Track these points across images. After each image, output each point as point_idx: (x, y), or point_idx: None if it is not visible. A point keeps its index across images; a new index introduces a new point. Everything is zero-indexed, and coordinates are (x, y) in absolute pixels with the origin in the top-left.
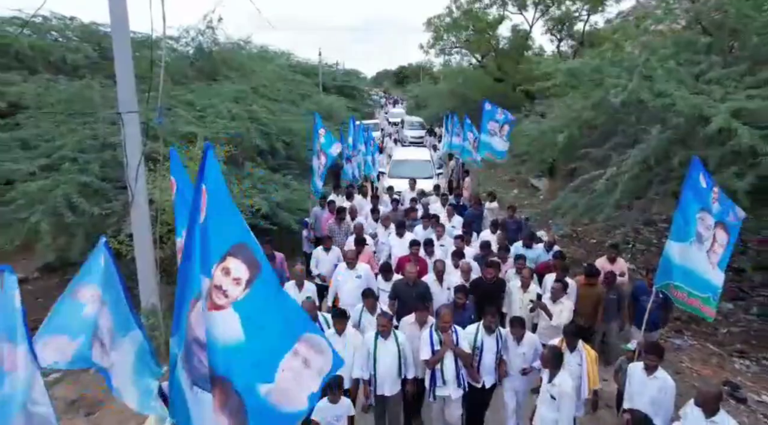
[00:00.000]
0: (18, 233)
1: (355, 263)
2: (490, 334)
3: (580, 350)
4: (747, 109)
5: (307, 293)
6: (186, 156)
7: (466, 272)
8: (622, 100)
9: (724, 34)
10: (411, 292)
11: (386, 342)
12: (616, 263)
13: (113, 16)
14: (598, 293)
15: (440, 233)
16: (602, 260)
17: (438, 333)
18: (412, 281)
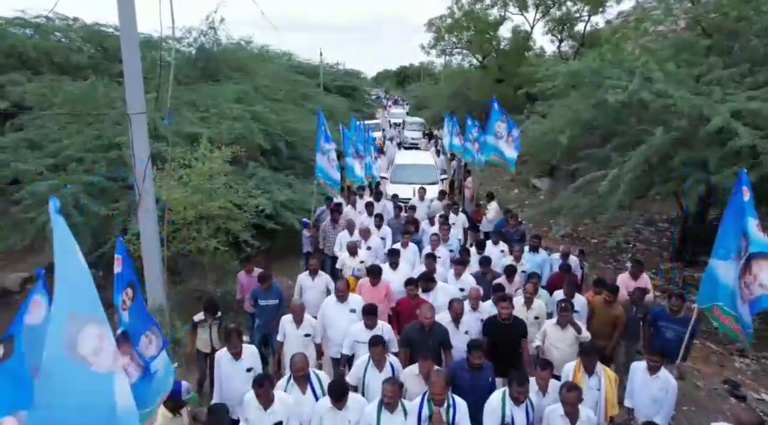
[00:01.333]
0: (27, 232)
1: (346, 294)
2: (520, 405)
3: (599, 372)
4: (747, 110)
5: (305, 330)
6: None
7: (474, 298)
8: (623, 100)
9: (723, 36)
10: (427, 340)
11: (392, 415)
12: (641, 279)
13: (122, 18)
14: (616, 313)
15: (444, 234)
16: (624, 277)
17: (430, 405)
18: (428, 327)
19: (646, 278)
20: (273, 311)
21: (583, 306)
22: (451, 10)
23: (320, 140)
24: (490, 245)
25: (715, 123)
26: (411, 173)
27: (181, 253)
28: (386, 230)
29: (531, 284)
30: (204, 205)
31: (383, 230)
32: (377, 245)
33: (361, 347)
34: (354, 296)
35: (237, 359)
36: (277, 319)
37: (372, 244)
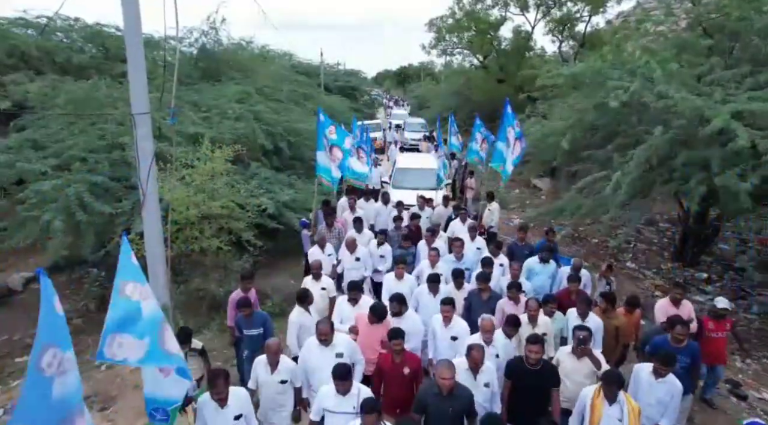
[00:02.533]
0: (31, 231)
1: (331, 337)
2: None
3: (621, 402)
4: (748, 110)
5: (281, 375)
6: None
7: (488, 330)
8: (624, 101)
9: (724, 36)
10: (447, 407)
11: None
12: (683, 306)
13: (126, 19)
14: (616, 324)
15: (458, 252)
16: (664, 303)
17: None
18: (447, 390)
19: (689, 304)
20: (258, 341)
21: (599, 328)
22: (452, 10)
23: (321, 138)
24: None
25: (715, 124)
26: (413, 178)
27: (184, 253)
28: (387, 249)
29: (534, 300)
30: (206, 204)
31: (384, 248)
32: (365, 255)
33: (333, 418)
34: (341, 337)
35: (222, 406)
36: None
37: (360, 254)
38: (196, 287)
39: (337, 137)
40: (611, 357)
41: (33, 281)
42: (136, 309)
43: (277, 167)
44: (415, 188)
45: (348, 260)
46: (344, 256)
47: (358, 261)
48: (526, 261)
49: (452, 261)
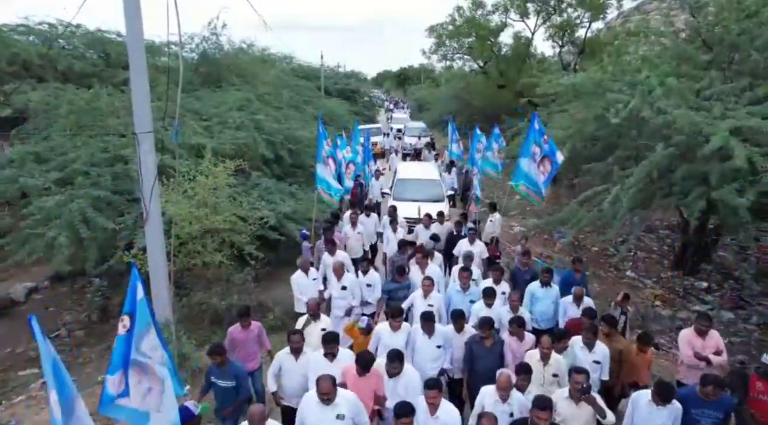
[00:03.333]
0: (35, 247)
1: (333, 395)
2: None
3: None
4: (746, 127)
5: None
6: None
7: (504, 387)
8: (624, 116)
9: (724, 49)
10: None
11: None
12: (710, 336)
13: (130, 39)
14: (619, 347)
15: (464, 282)
16: (689, 334)
17: None
18: None
19: (717, 337)
20: (230, 394)
21: (606, 357)
22: (452, 17)
23: (321, 149)
24: (490, 283)
25: (714, 144)
26: (415, 189)
27: (186, 267)
28: (374, 277)
29: (546, 338)
30: (209, 219)
31: (371, 276)
32: (353, 284)
33: None
34: (344, 394)
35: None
36: (235, 406)
37: (347, 282)
38: (198, 301)
39: (332, 148)
40: (615, 383)
41: (35, 292)
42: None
43: (278, 175)
44: (417, 200)
45: (335, 288)
46: (331, 282)
47: (345, 290)
48: (528, 287)
49: (457, 292)
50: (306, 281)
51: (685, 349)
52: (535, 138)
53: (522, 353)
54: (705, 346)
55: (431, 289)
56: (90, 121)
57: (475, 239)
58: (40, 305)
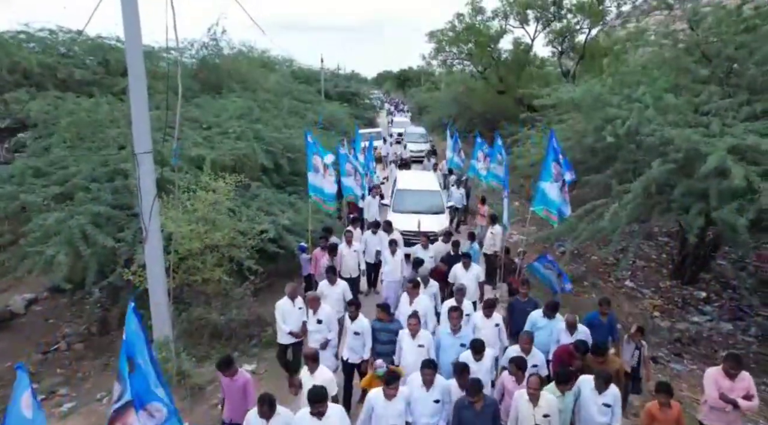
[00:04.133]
0: (35, 265)
1: None
2: None
3: None
4: (744, 145)
5: None
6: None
7: None
8: (622, 133)
9: (722, 63)
10: None
11: None
12: (740, 378)
13: (130, 61)
14: (616, 367)
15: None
16: (716, 373)
17: None
18: None
19: (749, 379)
20: None
21: (617, 400)
22: (452, 23)
23: (311, 159)
24: (481, 317)
25: (710, 163)
26: (414, 201)
27: (186, 283)
28: (363, 324)
29: (536, 378)
30: (208, 236)
31: (359, 324)
32: (328, 317)
33: None
34: None
35: None
36: None
37: (323, 315)
38: (198, 316)
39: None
40: None
41: (35, 303)
42: None
43: (277, 184)
44: (417, 212)
45: (310, 321)
46: (309, 315)
47: (320, 324)
48: (530, 314)
49: (447, 334)
50: (291, 309)
51: (711, 390)
52: (555, 157)
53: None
54: (733, 388)
55: (418, 328)
56: (90, 132)
57: (470, 265)
58: (39, 318)
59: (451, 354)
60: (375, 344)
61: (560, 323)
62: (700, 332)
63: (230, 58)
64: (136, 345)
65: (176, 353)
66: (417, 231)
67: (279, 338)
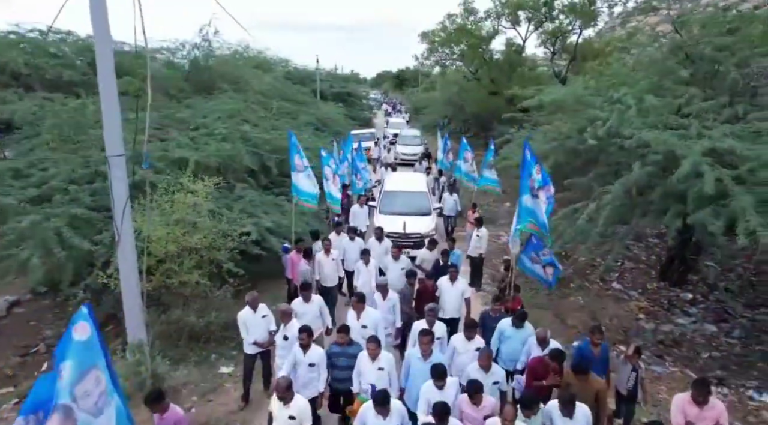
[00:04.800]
0: (9, 268)
1: None
2: None
3: None
4: (721, 149)
5: None
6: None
7: None
8: (601, 135)
9: (704, 65)
10: None
11: None
12: (711, 407)
13: (100, 64)
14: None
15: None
16: (684, 399)
17: None
18: None
19: (720, 408)
20: None
21: (588, 421)
22: (443, 24)
23: (293, 159)
24: (462, 339)
25: (684, 168)
26: (401, 202)
27: (164, 284)
28: (318, 354)
29: (511, 408)
30: (186, 240)
31: (313, 354)
32: (294, 336)
33: None
34: None
35: None
36: None
37: (290, 333)
38: (176, 319)
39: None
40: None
41: (17, 305)
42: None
43: (264, 185)
44: (403, 214)
45: (277, 337)
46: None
47: (287, 340)
48: (499, 323)
49: (417, 359)
50: (253, 319)
51: (677, 417)
52: (528, 170)
53: (479, 421)
54: (702, 417)
55: (378, 352)
56: (73, 133)
57: (457, 277)
58: (21, 320)
59: (421, 381)
60: (333, 370)
61: (529, 332)
62: (683, 333)
63: (222, 59)
64: (67, 349)
65: (151, 356)
66: (403, 233)
67: (246, 348)
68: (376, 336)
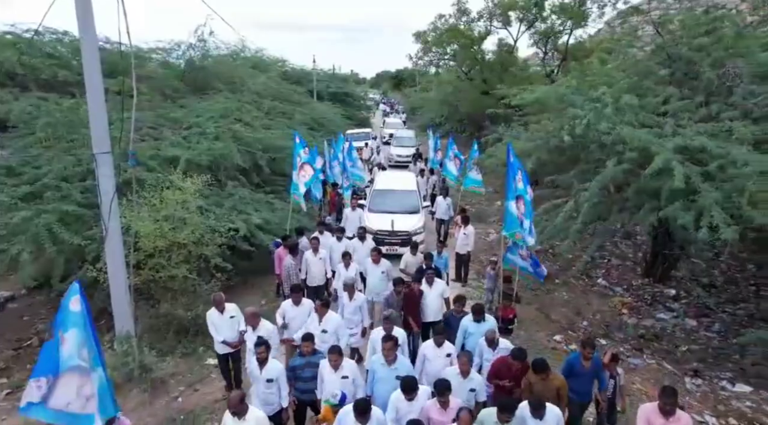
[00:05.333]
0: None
1: None
2: None
3: None
4: (692, 146)
5: None
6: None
7: None
8: (579, 133)
9: (682, 65)
10: None
11: None
12: (675, 418)
13: (86, 63)
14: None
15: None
16: (650, 409)
17: None
18: None
19: (687, 419)
20: None
21: (559, 421)
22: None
23: (296, 158)
24: (431, 345)
25: (655, 164)
26: (390, 200)
27: (153, 279)
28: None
29: (466, 412)
30: (174, 235)
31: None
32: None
33: None
34: None
35: None
36: None
37: (263, 332)
38: (165, 312)
39: (310, 156)
40: None
41: (12, 301)
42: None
43: (257, 183)
44: (392, 212)
45: (249, 338)
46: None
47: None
48: (462, 321)
49: (381, 365)
50: (220, 319)
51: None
52: (514, 174)
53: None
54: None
55: (339, 362)
56: (66, 132)
57: (434, 280)
58: (15, 315)
59: (387, 387)
60: (297, 382)
61: (490, 326)
62: (664, 328)
63: (218, 59)
64: (67, 319)
65: (139, 348)
66: (391, 231)
67: (216, 347)
68: (338, 345)
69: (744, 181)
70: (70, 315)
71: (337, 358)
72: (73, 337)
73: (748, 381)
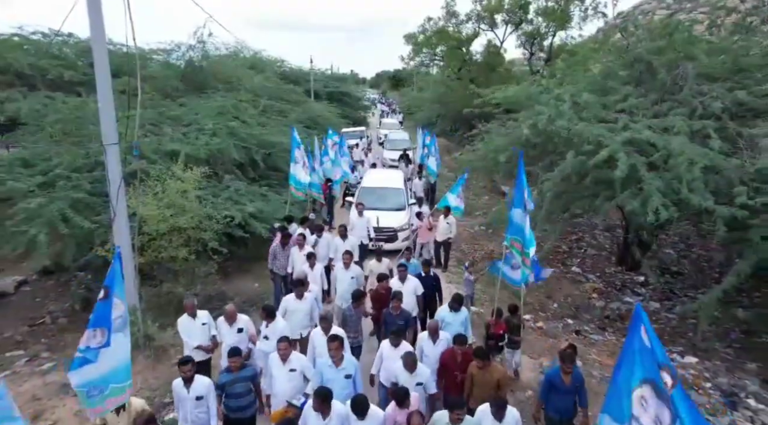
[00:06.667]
0: (19, 243)
1: None
2: None
3: None
4: (637, 139)
5: None
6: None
7: None
8: (542, 129)
9: (640, 66)
10: None
11: None
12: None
13: (96, 55)
14: (497, 376)
15: (337, 354)
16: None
17: None
18: None
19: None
20: None
21: (517, 421)
22: (424, 27)
23: (294, 151)
24: (388, 345)
25: (602, 154)
26: (377, 198)
27: (156, 260)
28: (205, 384)
29: (417, 417)
30: (174, 220)
31: (198, 386)
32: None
33: None
34: None
35: None
36: None
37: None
38: (166, 291)
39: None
40: None
41: (25, 285)
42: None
43: (252, 177)
44: (377, 209)
45: (230, 333)
46: (222, 328)
47: (241, 332)
48: (438, 312)
49: (328, 366)
50: (192, 326)
51: None
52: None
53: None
54: None
55: (288, 352)
56: (74, 128)
57: (407, 277)
58: (28, 297)
59: (336, 389)
60: (226, 400)
61: (465, 314)
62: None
63: (217, 59)
64: (115, 280)
65: (143, 321)
66: (376, 227)
67: (186, 350)
68: (286, 336)
69: (682, 169)
70: (121, 281)
71: (286, 347)
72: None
73: (695, 354)
